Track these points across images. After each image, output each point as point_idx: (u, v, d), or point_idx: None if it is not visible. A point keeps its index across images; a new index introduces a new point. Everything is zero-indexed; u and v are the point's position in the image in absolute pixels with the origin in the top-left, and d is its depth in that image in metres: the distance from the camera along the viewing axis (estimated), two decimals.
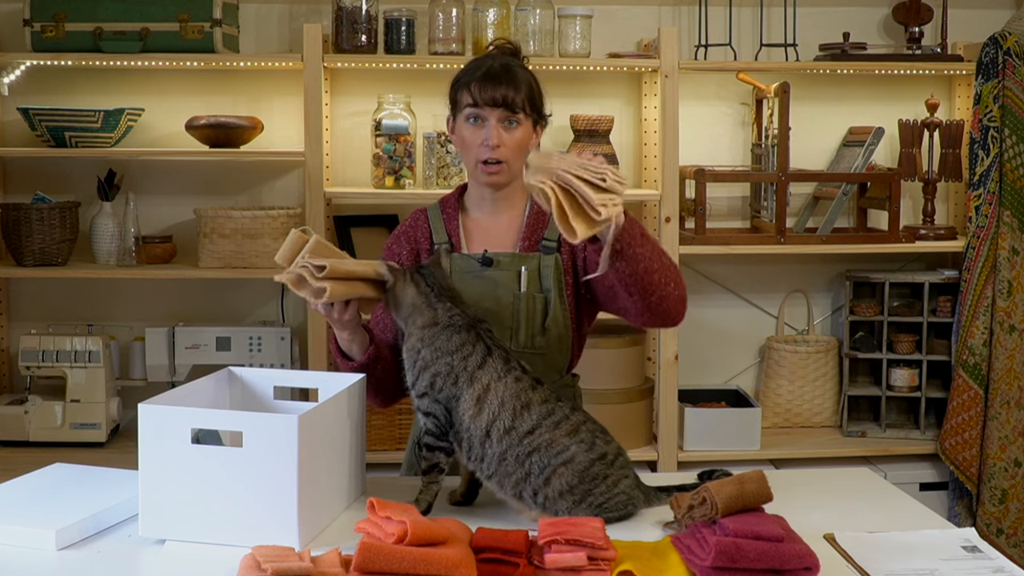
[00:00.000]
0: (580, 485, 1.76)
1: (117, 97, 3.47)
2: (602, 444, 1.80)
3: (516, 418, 1.78)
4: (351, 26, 3.27)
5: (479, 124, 2.07)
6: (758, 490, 1.68)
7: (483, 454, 1.79)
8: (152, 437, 1.72)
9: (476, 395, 1.79)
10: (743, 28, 3.62)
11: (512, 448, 1.77)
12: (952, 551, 1.71)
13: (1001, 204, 3.39)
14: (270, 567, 1.49)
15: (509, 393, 1.79)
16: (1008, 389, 3.39)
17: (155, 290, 3.58)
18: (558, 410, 1.80)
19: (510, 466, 1.77)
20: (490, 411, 1.79)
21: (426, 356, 1.84)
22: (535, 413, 1.78)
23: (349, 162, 3.54)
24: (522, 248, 2.11)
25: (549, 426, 1.78)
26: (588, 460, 1.77)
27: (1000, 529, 3.41)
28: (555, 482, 1.76)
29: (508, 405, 1.78)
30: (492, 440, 1.78)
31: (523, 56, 2.17)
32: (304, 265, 1.83)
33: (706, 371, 3.73)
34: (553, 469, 1.76)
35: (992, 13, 3.67)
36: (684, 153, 3.43)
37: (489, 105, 2.05)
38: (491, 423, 1.78)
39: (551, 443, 1.77)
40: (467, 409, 1.80)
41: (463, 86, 2.08)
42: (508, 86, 2.05)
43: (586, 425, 1.81)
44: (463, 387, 1.80)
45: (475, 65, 2.10)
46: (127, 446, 3.30)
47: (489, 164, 2.06)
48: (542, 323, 2.07)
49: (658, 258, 1.91)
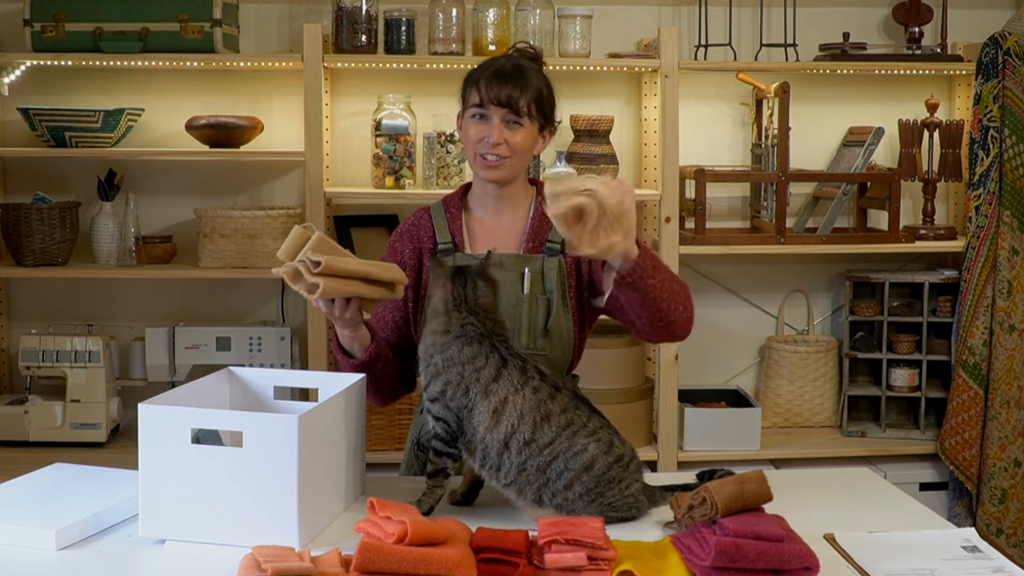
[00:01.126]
0: (596, 488, 1.77)
1: (117, 97, 3.47)
2: (619, 445, 1.81)
3: (536, 430, 1.76)
4: (351, 26, 3.27)
5: (483, 121, 2.07)
6: (758, 490, 1.68)
7: (500, 464, 1.78)
8: (152, 437, 1.72)
9: (493, 407, 1.78)
10: (743, 28, 3.62)
11: (532, 459, 1.76)
12: (952, 551, 1.71)
13: (1001, 204, 3.40)
14: (270, 567, 1.49)
15: (528, 405, 1.77)
16: (1008, 389, 3.39)
17: (155, 290, 3.58)
18: (577, 419, 1.79)
19: (531, 475, 1.77)
20: (508, 423, 1.77)
21: (438, 363, 1.83)
22: (555, 424, 1.77)
23: (349, 162, 3.54)
24: (526, 249, 2.11)
25: (569, 435, 1.77)
26: (607, 464, 1.77)
27: (1000, 529, 3.41)
28: (576, 487, 1.76)
29: (528, 418, 1.77)
30: (511, 451, 1.77)
31: (543, 62, 2.17)
32: (302, 260, 1.84)
33: (706, 371, 3.73)
34: (574, 474, 1.76)
35: (992, 13, 3.67)
36: (684, 153, 3.43)
37: (493, 103, 2.05)
38: (510, 435, 1.77)
39: (570, 448, 1.76)
40: (483, 421, 1.78)
41: (472, 82, 2.10)
42: (515, 87, 2.05)
43: (603, 431, 1.81)
44: (476, 399, 1.79)
45: (489, 63, 2.11)
46: (127, 446, 3.30)
47: (487, 158, 2.07)
48: (544, 325, 2.07)
49: (668, 286, 1.93)
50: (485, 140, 2.06)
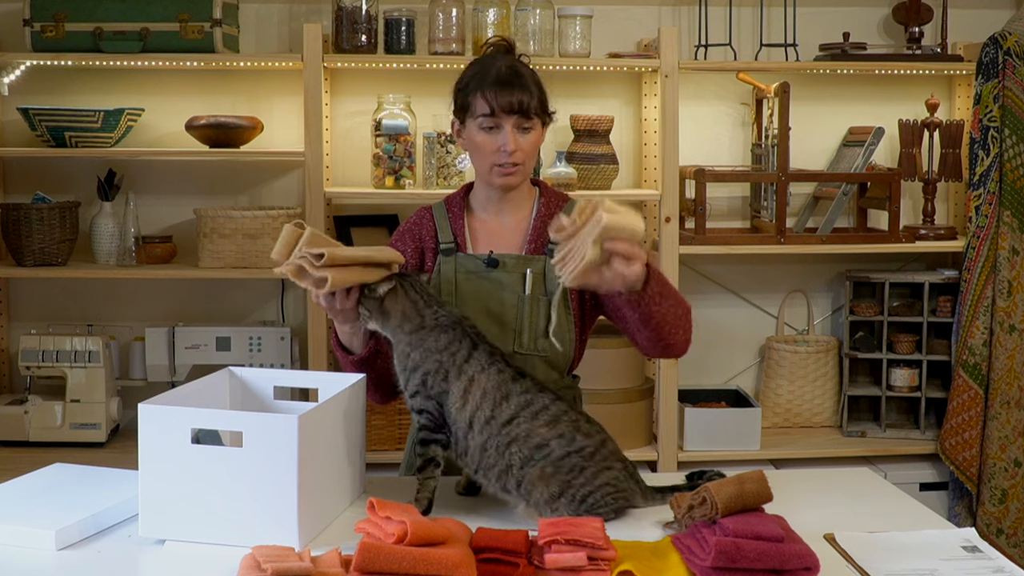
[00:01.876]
0: (556, 475, 1.77)
1: (117, 97, 3.47)
2: (582, 437, 1.81)
3: (495, 407, 1.81)
4: (351, 26, 3.27)
5: (494, 131, 2.05)
6: (758, 490, 1.68)
7: (467, 446, 1.83)
8: (152, 437, 1.72)
9: (463, 388, 1.83)
10: (743, 28, 3.62)
11: (492, 438, 1.80)
12: (952, 551, 1.71)
13: (1001, 204, 3.39)
14: (270, 567, 1.49)
15: (491, 384, 1.82)
16: (1008, 389, 3.39)
17: (155, 290, 3.58)
18: (537, 400, 1.82)
19: (491, 457, 1.80)
20: (473, 402, 1.82)
21: (416, 358, 1.86)
22: (514, 403, 1.81)
23: (349, 162, 3.54)
24: (528, 251, 2.11)
25: (528, 416, 1.80)
26: (563, 451, 1.78)
27: (1000, 529, 3.41)
28: (532, 472, 1.77)
29: (489, 396, 1.81)
30: (474, 431, 1.81)
31: (519, 53, 2.17)
32: (303, 255, 1.84)
33: (706, 371, 3.73)
34: (530, 459, 1.78)
35: (992, 13, 3.67)
36: (684, 153, 3.43)
37: (505, 112, 2.04)
38: (473, 413, 1.82)
39: (529, 433, 1.79)
40: (455, 402, 1.83)
41: (474, 92, 2.06)
42: (522, 91, 2.04)
43: (567, 416, 1.82)
44: (452, 381, 1.83)
45: (482, 69, 2.08)
46: (127, 446, 3.30)
47: (504, 167, 2.06)
48: (545, 326, 2.06)
49: (673, 311, 1.96)
50: (502, 150, 2.05)
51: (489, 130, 2.05)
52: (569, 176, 3.31)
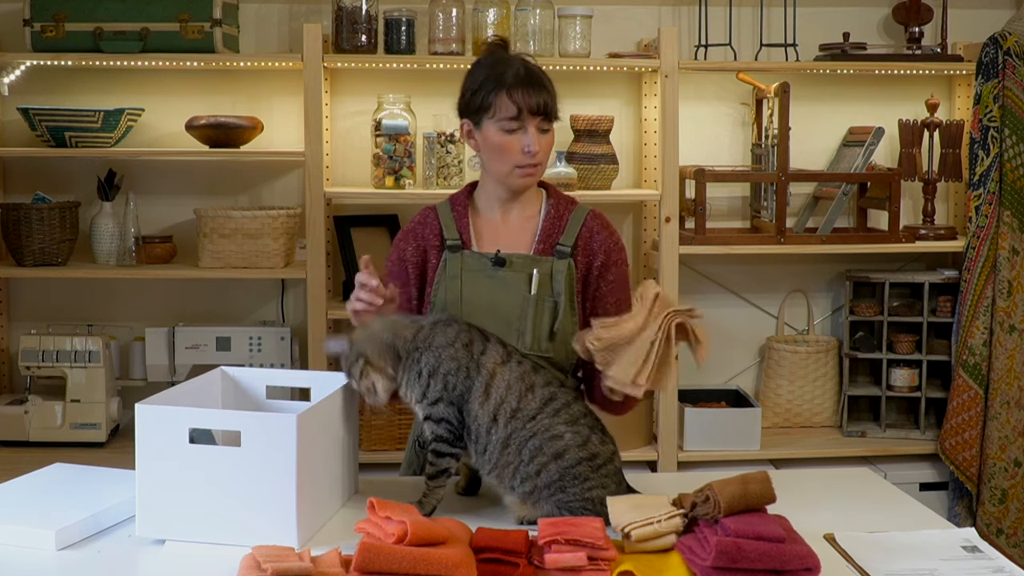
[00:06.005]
0: (559, 481, 1.78)
1: (117, 97, 3.47)
2: (596, 443, 1.81)
3: (521, 399, 1.81)
4: (351, 26, 3.27)
5: (517, 132, 2.04)
6: (762, 491, 1.68)
7: (488, 443, 1.81)
8: (150, 437, 1.72)
9: (484, 382, 1.83)
10: (743, 28, 3.62)
11: (516, 432, 1.79)
12: (952, 551, 1.71)
13: (1001, 204, 3.39)
14: (270, 567, 1.49)
15: (514, 376, 1.83)
16: (1008, 389, 3.39)
17: (155, 290, 3.57)
18: (559, 396, 1.83)
19: (511, 455, 1.79)
20: (497, 395, 1.82)
21: (429, 360, 1.85)
22: (539, 396, 1.82)
23: (349, 162, 3.54)
24: (536, 251, 2.11)
25: (550, 412, 1.80)
26: (576, 458, 1.79)
27: (1000, 529, 3.41)
28: (544, 475, 1.78)
29: (515, 388, 1.82)
30: (499, 425, 1.81)
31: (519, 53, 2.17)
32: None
33: (706, 371, 3.72)
34: (546, 458, 1.78)
35: (992, 13, 3.67)
36: (684, 153, 3.43)
37: (531, 113, 2.03)
38: (498, 407, 1.81)
39: (548, 429, 1.79)
40: (477, 397, 1.83)
41: (496, 92, 2.03)
42: (544, 91, 2.05)
43: (585, 419, 1.83)
44: (473, 377, 1.83)
45: (498, 70, 2.05)
46: (127, 446, 3.29)
47: (526, 168, 2.06)
48: (550, 327, 2.05)
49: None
50: (527, 151, 2.04)
51: (511, 131, 2.04)
52: (569, 176, 3.30)
